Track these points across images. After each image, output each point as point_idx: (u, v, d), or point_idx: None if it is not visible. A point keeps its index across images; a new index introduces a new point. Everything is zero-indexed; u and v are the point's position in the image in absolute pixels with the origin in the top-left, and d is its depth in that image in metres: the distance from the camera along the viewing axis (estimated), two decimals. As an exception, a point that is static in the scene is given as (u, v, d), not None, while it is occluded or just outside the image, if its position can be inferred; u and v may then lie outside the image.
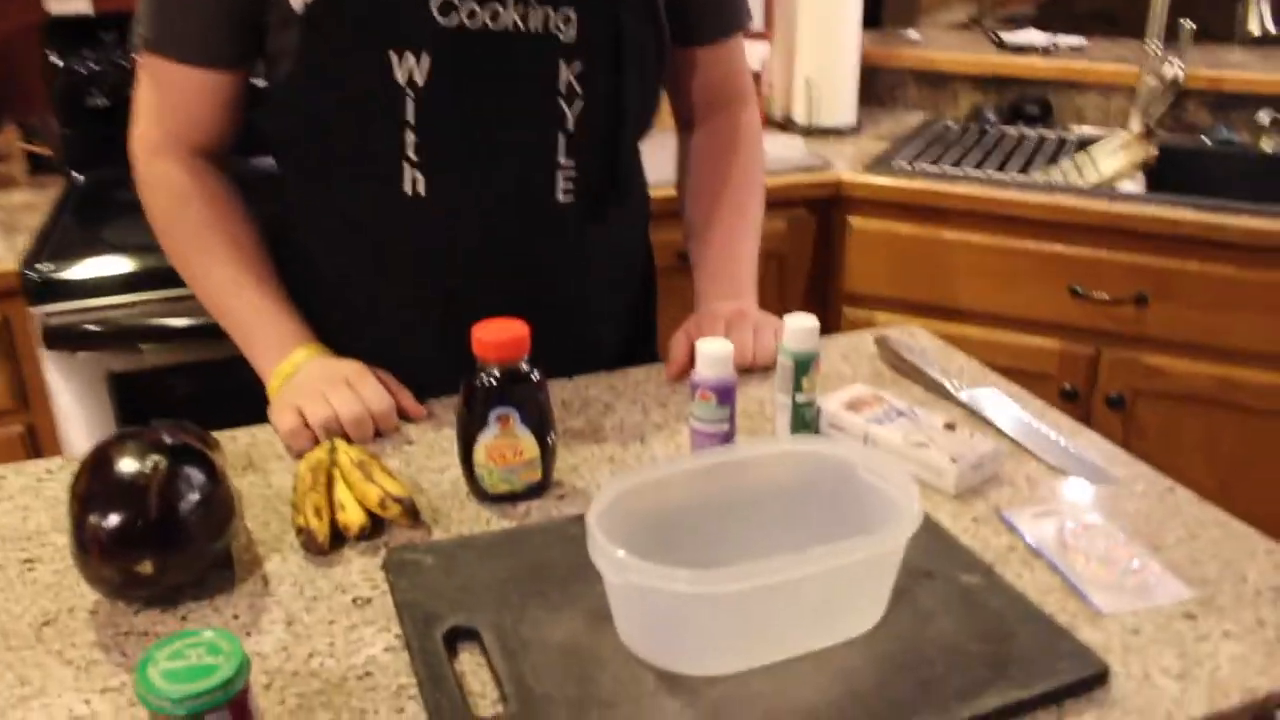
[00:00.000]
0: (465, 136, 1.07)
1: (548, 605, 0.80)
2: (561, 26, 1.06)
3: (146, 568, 0.77)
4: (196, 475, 0.81)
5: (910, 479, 0.79)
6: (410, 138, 1.06)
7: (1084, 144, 2.19)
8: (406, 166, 1.07)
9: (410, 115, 1.04)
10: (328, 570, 0.86)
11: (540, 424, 0.94)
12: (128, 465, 0.79)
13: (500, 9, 1.04)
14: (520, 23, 1.04)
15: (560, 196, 1.13)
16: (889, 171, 2.03)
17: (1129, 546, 0.89)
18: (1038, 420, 1.10)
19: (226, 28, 1.05)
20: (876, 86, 2.48)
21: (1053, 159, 2.15)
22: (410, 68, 1.03)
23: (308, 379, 1.06)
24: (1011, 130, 2.31)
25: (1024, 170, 2.09)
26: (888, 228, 2.02)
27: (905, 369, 1.21)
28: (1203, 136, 2.20)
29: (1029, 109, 2.34)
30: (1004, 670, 0.74)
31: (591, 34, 1.07)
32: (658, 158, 1.32)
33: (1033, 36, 2.50)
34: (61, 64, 1.91)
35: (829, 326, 2.13)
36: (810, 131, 2.29)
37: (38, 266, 1.57)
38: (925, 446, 1.00)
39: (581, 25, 1.06)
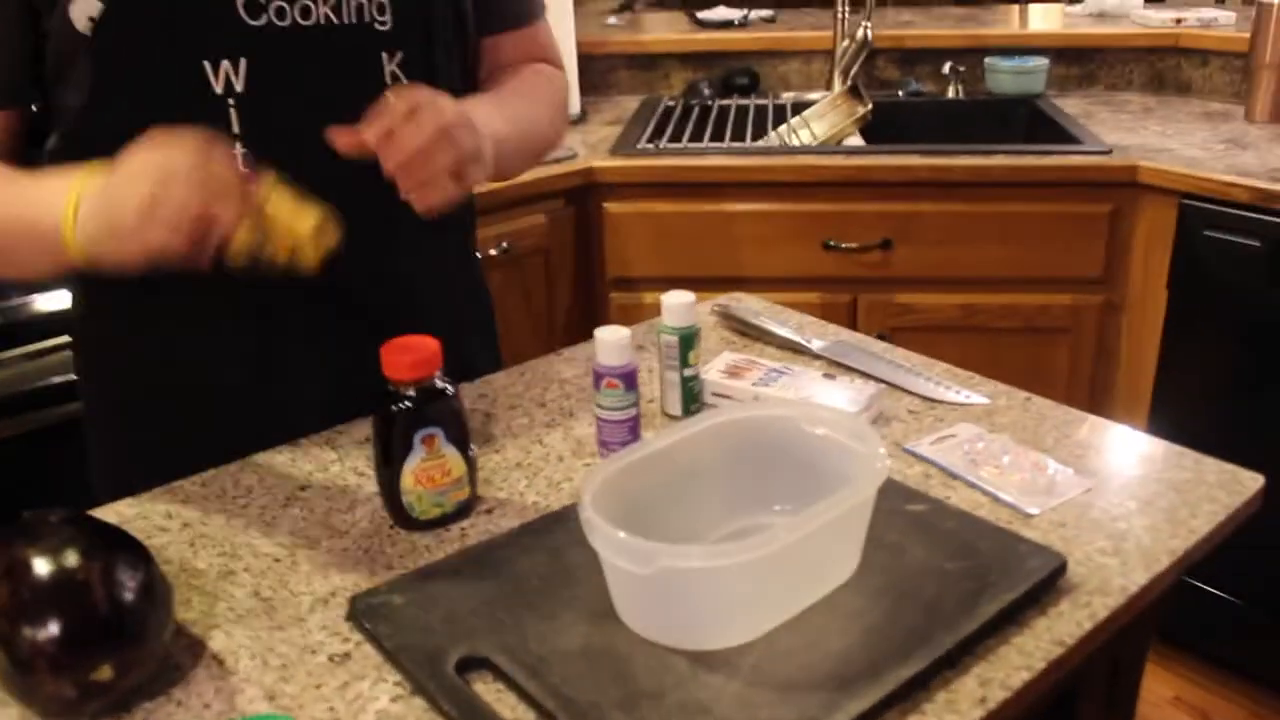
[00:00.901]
0: (297, 143, 1.00)
1: (543, 616, 0.77)
2: (378, 16, 1.01)
3: (105, 673, 0.67)
4: (129, 559, 0.71)
5: (862, 421, 0.84)
6: (238, 151, 0.97)
7: (797, 108, 2.34)
8: None
9: (235, 127, 0.96)
10: (284, 635, 0.78)
11: (462, 438, 0.90)
12: (49, 563, 0.68)
13: (311, 4, 0.98)
14: (333, 15, 0.99)
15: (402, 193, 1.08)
16: (635, 154, 2.09)
17: (1026, 453, 0.98)
18: (889, 358, 1.18)
19: None
20: (590, 74, 2.53)
21: (775, 124, 2.28)
22: (227, 76, 0.95)
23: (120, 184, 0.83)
24: (727, 102, 2.43)
25: (756, 139, 2.21)
26: (643, 208, 2.07)
27: (754, 333, 1.26)
28: (898, 92, 2.42)
29: (739, 80, 2.47)
30: (986, 580, 0.80)
31: (408, 21, 1.03)
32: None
33: (725, 12, 2.65)
34: None
35: (599, 315, 2.16)
36: (542, 124, 2.29)
37: None
38: (816, 399, 1.04)
39: (396, 13, 1.02)
